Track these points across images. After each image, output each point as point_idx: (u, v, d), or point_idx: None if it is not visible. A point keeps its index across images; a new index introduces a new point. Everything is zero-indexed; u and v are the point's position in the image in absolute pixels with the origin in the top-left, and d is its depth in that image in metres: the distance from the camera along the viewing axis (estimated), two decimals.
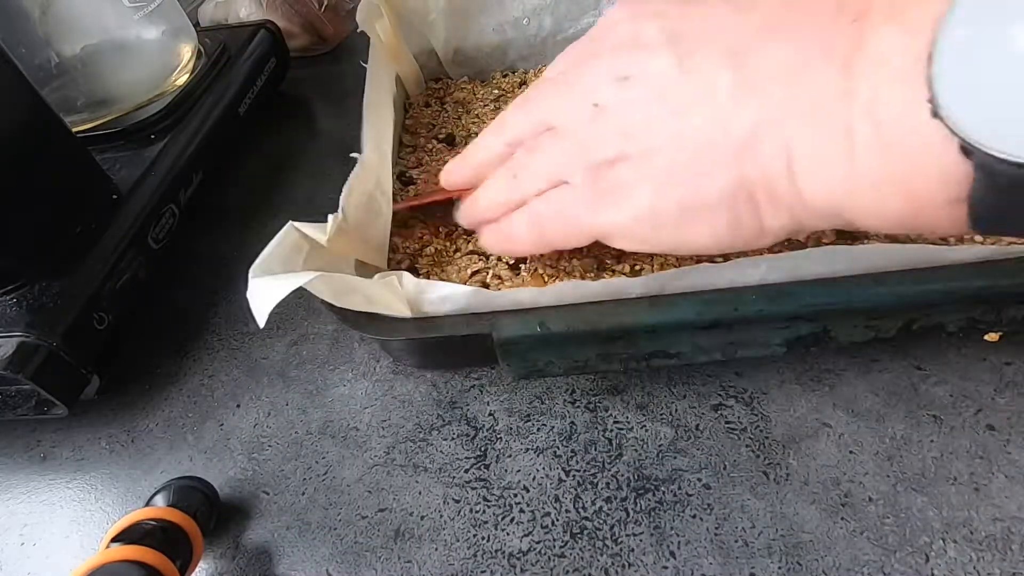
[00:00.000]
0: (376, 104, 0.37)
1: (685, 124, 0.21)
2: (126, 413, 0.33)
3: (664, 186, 0.22)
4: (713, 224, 0.22)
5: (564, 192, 0.25)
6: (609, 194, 0.23)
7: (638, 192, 0.22)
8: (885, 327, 0.26)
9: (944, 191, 0.16)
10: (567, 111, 0.25)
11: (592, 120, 0.23)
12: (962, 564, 0.23)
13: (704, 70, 0.21)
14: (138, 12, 0.45)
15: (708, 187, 0.21)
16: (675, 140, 0.21)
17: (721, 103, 0.20)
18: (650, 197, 0.22)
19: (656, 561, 0.25)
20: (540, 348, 0.26)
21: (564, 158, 0.24)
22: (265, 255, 0.25)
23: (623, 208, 0.23)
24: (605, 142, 0.23)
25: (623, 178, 0.23)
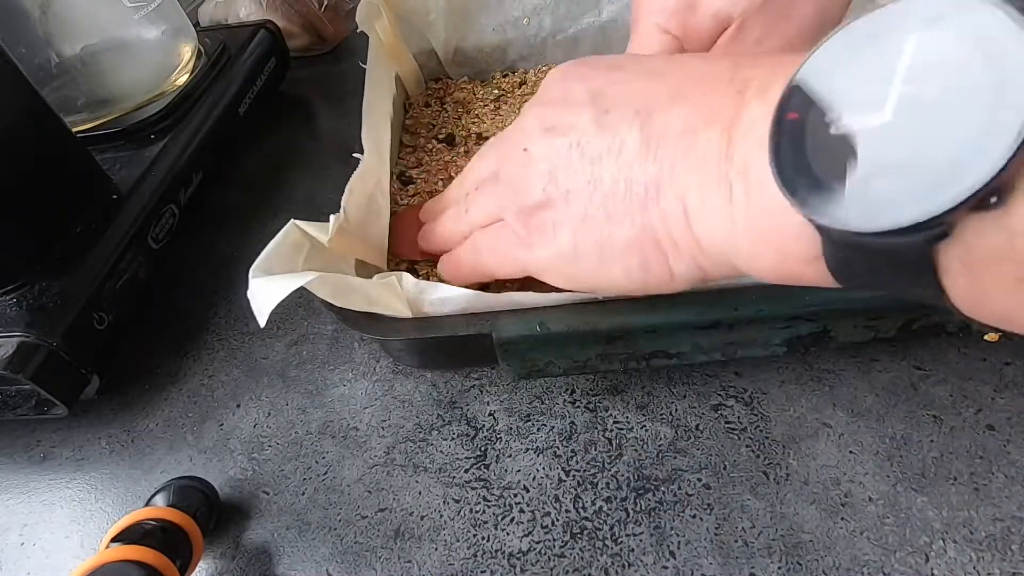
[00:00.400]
0: (376, 104, 0.37)
1: (598, 172, 0.23)
2: (126, 413, 0.33)
3: (581, 230, 0.24)
4: (626, 266, 0.23)
5: (500, 228, 0.27)
6: (537, 234, 0.25)
7: (560, 234, 0.25)
8: (885, 327, 0.26)
9: (802, 249, 0.18)
10: (504, 158, 0.28)
11: (522, 165, 0.26)
12: (962, 564, 0.23)
13: (617, 126, 0.23)
14: (138, 12, 0.45)
15: (618, 232, 0.23)
16: (590, 187, 0.23)
17: (629, 156, 0.22)
18: (570, 239, 0.24)
19: (656, 561, 0.25)
20: (540, 348, 0.26)
21: (501, 199, 0.27)
22: (266, 254, 0.25)
23: (548, 248, 0.25)
24: (532, 185, 0.25)
25: (548, 220, 0.25)
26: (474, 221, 0.29)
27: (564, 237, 0.24)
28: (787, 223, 0.17)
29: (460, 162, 0.41)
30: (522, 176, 0.26)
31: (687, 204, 0.21)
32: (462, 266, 0.30)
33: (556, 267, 0.25)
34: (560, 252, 0.25)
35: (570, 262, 0.25)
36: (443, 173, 0.40)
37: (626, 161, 0.22)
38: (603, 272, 0.24)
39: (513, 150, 0.27)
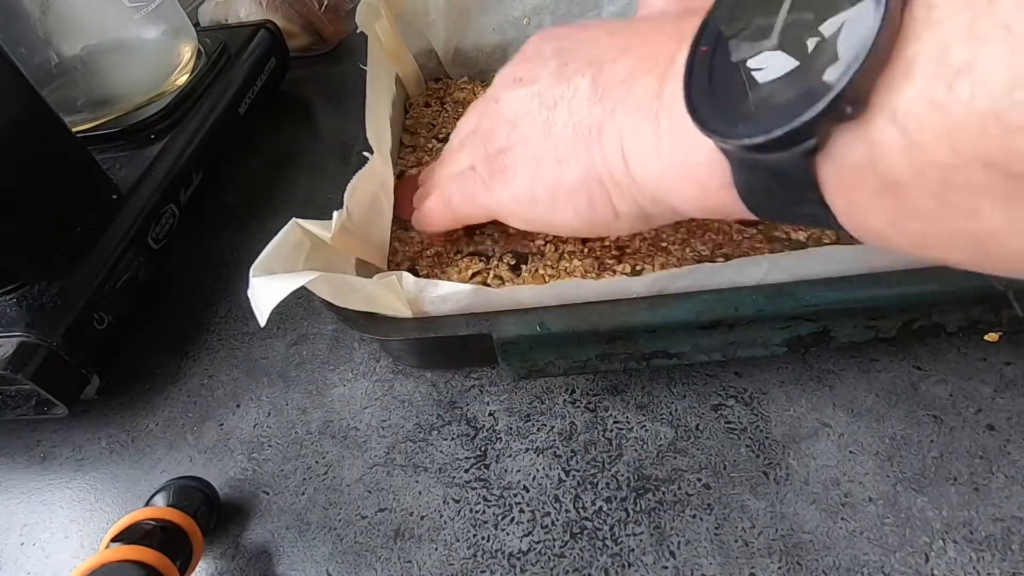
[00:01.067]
0: (378, 105, 0.37)
1: (552, 115, 0.25)
2: (126, 413, 0.33)
3: (536, 172, 0.26)
4: (575, 206, 0.25)
5: (468, 173, 0.29)
6: (499, 176, 0.27)
7: (518, 176, 0.26)
8: (885, 327, 0.26)
9: (715, 177, 0.19)
10: (481, 111, 0.30)
11: (493, 115, 0.28)
12: (962, 564, 0.23)
13: (572, 76, 0.25)
14: (138, 12, 0.45)
15: (567, 173, 0.24)
16: (544, 130, 0.25)
17: (579, 101, 0.24)
18: (527, 180, 0.26)
19: (656, 561, 0.25)
20: (540, 348, 0.26)
21: (472, 148, 0.29)
22: (267, 253, 0.25)
23: (507, 189, 0.27)
24: (497, 132, 0.27)
25: (508, 162, 0.27)
26: (452, 171, 0.31)
27: (521, 179, 0.26)
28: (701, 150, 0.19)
29: None
30: (491, 126, 0.28)
31: (624, 143, 0.22)
32: (435, 213, 0.31)
33: (515, 209, 0.27)
34: (518, 194, 0.26)
35: (527, 203, 0.26)
36: None
37: (576, 106, 0.24)
38: (556, 213, 0.26)
39: (487, 104, 0.29)
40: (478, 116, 0.30)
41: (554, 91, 0.25)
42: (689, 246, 0.30)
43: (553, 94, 0.25)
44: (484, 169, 0.28)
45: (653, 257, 0.30)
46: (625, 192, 0.23)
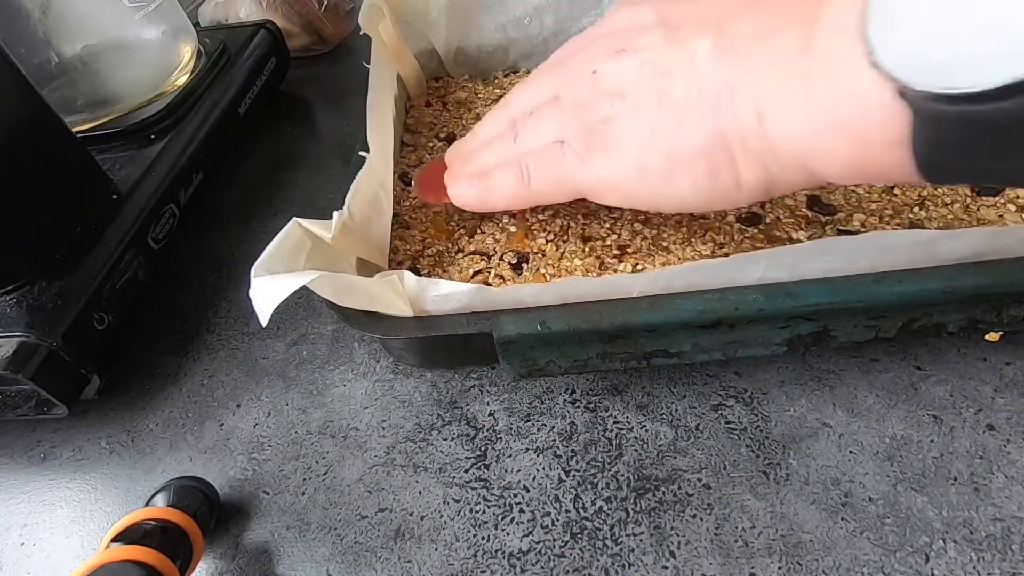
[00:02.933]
0: (379, 104, 0.37)
1: (668, 83, 0.23)
2: (126, 413, 0.33)
3: (649, 140, 0.24)
4: (693, 174, 0.23)
5: (556, 147, 0.27)
6: (599, 149, 0.25)
7: (625, 146, 0.24)
8: (885, 326, 0.26)
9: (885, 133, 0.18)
10: (567, 81, 0.27)
11: (589, 85, 0.26)
12: (962, 564, 0.23)
13: (688, 40, 0.23)
14: (138, 12, 0.45)
15: (688, 138, 0.23)
16: (659, 98, 0.23)
17: (701, 64, 0.22)
18: (636, 151, 0.24)
19: (656, 561, 0.25)
20: (541, 347, 0.26)
21: (561, 120, 0.27)
22: (268, 252, 0.25)
23: (611, 162, 0.25)
24: (598, 103, 0.25)
25: (612, 134, 0.25)
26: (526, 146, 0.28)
27: (630, 150, 0.24)
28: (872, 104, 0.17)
29: None
30: (589, 95, 0.26)
31: (761, 105, 0.21)
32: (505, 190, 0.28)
33: (617, 183, 0.25)
34: (623, 166, 0.25)
35: (633, 177, 0.24)
36: None
37: (698, 70, 0.22)
38: (668, 185, 0.24)
39: (578, 72, 0.27)
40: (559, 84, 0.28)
41: (667, 56, 0.24)
42: (690, 245, 0.30)
43: (666, 60, 0.24)
44: (578, 142, 0.26)
45: (654, 257, 0.30)
46: (754, 157, 0.22)
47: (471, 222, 0.36)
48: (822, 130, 0.19)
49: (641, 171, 0.24)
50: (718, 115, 0.22)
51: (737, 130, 0.22)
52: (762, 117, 0.21)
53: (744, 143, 0.22)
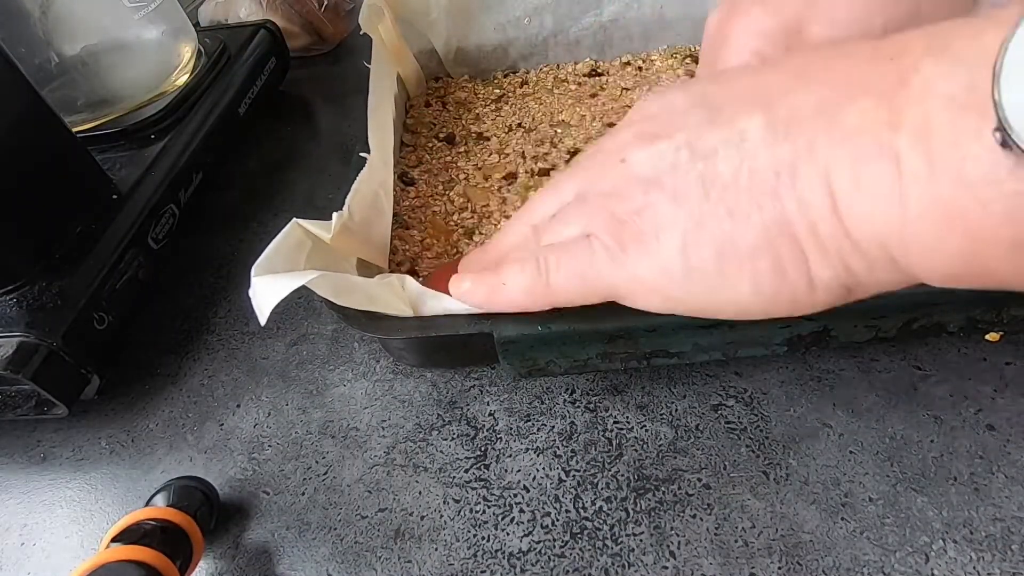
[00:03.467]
0: (380, 105, 0.37)
1: (712, 167, 0.20)
2: (126, 413, 0.33)
3: (694, 235, 0.20)
4: (754, 273, 0.19)
5: (581, 242, 0.23)
6: (633, 242, 0.21)
7: (665, 240, 0.20)
8: (886, 326, 0.26)
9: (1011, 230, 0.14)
10: (592, 177, 0.24)
11: (617, 175, 0.22)
12: (962, 564, 0.23)
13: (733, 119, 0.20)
14: (138, 12, 0.45)
15: (743, 231, 0.19)
16: (703, 183, 0.20)
17: (752, 144, 0.19)
18: (678, 247, 0.20)
19: (656, 561, 0.25)
20: (541, 347, 0.26)
21: (587, 215, 0.23)
22: (268, 253, 0.25)
23: (648, 260, 0.21)
24: (630, 192, 0.22)
25: (648, 226, 0.21)
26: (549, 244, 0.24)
27: (671, 245, 0.20)
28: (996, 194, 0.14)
29: (460, 162, 0.41)
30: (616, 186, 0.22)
31: (834, 186, 0.17)
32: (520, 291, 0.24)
33: (658, 284, 0.21)
34: (664, 265, 0.21)
35: (677, 278, 0.21)
36: (444, 174, 0.40)
37: (748, 150, 0.19)
38: (723, 287, 0.20)
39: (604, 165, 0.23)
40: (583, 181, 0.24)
41: (708, 139, 0.20)
42: None
43: (708, 143, 0.20)
44: (610, 236, 0.22)
45: None
46: (830, 250, 0.18)
47: (470, 222, 0.37)
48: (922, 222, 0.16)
49: (687, 270, 0.20)
50: (779, 199, 0.18)
51: (804, 217, 0.18)
52: (836, 202, 0.17)
53: (815, 234, 0.18)
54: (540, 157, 0.40)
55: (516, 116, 0.44)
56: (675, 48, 0.47)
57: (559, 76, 0.47)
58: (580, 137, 0.41)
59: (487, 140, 0.42)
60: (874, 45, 0.18)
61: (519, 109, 0.45)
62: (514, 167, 0.40)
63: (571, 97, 0.45)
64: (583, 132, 0.42)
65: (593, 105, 0.44)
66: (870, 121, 0.17)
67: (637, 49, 0.48)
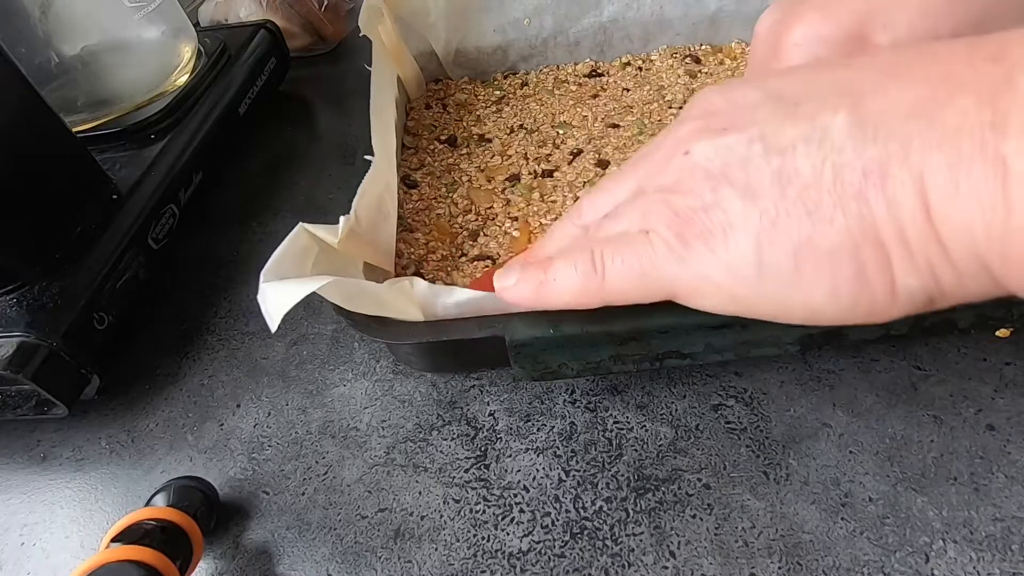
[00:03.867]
0: (382, 107, 0.37)
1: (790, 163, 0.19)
2: (126, 413, 0.33)
3: (769, 234, 0.19)
4: (833, 278, 0.18)
5: (639, 237, 0.21)
6: (699, 241, 0.20)
7: (737, 238, 0.19)
8: (897, 324, 0.25)
9: None
10: (650, 172, 0.22)
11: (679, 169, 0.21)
12: (962, 564, 0.23)
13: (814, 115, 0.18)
14: (138, 12, 0.45)
15: (825, 230, 0.18)
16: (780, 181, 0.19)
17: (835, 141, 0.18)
18: (751, 246, 0.19)
19: (656, 561, 0.25)
20: (553, 350, 0.26)
21: (645, 210, 0.22)
22: (276, 258, 0.25)
23: (715, 258, 0.20)
24: (694, 187, 0.20)
25: (716, 222, 0.20)
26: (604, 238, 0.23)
27: (742, 244, 0.19)
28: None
29: (463, 164, 0.41)
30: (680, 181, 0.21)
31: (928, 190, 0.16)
32: (563, 285, 0.23)
33: (724, 283, 0.20)
34: (733, 264, 0.19)
35: (747, 278, 0.19)
36: (446, 176, 0.40)
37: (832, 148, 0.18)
38: (796, 289, 0.19)
39: (663, 159, 0.22)
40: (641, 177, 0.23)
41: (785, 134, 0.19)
42: None
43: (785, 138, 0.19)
44: (672, 233, 0.20)
45: None
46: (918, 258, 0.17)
47: (474, 224, 0.37)
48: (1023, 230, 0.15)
49: (760, 270, 0.19)
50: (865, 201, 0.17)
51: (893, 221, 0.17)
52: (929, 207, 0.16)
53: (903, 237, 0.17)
54: (543, 158, 0.40)
55: (517, 117, 0.44)
56: (675, 48, 0.47)
57: (559, 77, 0.47)
58: (582, 138, 0.41)
59: (489, 142, 0.42)
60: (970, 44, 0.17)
61: (520, 110, 0.45)
62: (517, 169, 0.40)
63: (572, 98, 0.45)
64: (585, 133, 0.42)
65: (594, 106, 0.44)
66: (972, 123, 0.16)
67: (637, 50, 0.48)
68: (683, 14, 0.46)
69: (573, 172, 0.39)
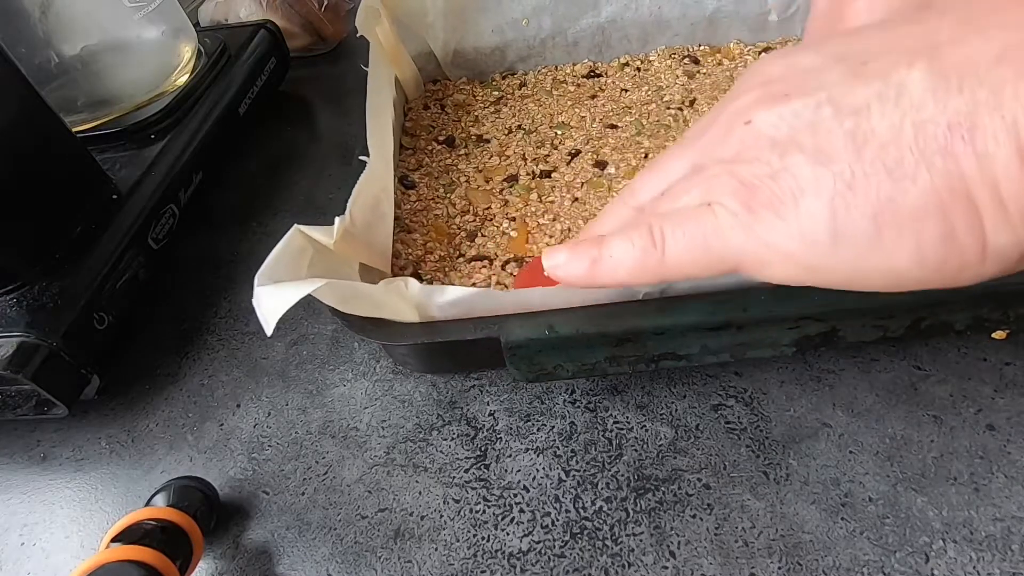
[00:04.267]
0: (379, 108, 0.37)
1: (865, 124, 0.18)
2: (126, 413, 0.33)
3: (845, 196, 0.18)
4: (919, 240, 0.17)
5: (703, 211, 0.20)
6: (765, 207, 0.19)
7: (809, 203, 0.18)
8: (893, 326, 0.26)
9: None
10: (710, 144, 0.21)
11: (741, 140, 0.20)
12: (962, 564, 0.23)
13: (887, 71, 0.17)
14: (138, 12, 0.45)
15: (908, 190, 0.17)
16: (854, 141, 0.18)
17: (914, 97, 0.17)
18: (825, 210, 0.18)
19: (656, 561, 0.25)
20: (549, 351, 0.26)
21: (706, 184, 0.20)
22: (271, 260, 0.25)
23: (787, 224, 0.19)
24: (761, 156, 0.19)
25: (785, 188, 0.19)
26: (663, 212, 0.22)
27: (816, 209, 0.18)
28: None
29: (461, 165, 0.41)
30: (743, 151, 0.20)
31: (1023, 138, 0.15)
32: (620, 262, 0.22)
33: (795, 252, 0.19)
34: (807, 232, 0.18)
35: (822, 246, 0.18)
36: (444, 176, 0.40)
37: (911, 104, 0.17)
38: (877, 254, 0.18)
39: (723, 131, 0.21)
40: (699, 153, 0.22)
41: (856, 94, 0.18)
42: None
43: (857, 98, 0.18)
44: (736, 201, 0.19)
45: None
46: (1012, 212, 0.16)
47: (472, 225, 0.37)
48: None
49: (836, 237, 0.18)
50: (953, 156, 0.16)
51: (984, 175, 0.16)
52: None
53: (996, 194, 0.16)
54: (541, 159, 0.40)
55: (515, 118, 0.44)
56: (673, 48, 0.47)
57: (557, 77, 0.47)
58: (580, 138, 0.41)
59: (487, 142, 0.42)
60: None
61: (518, 111, 0.45)
62: (515, 169, 0.40)
63: (570, 98, 0.45)
64: (583, 133, 0.42)
65: (593, 106, 0.44)
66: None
67: (635, 50, 0.48)
68: (681, 15, 0.46)
69: (571, 173, 0.39)
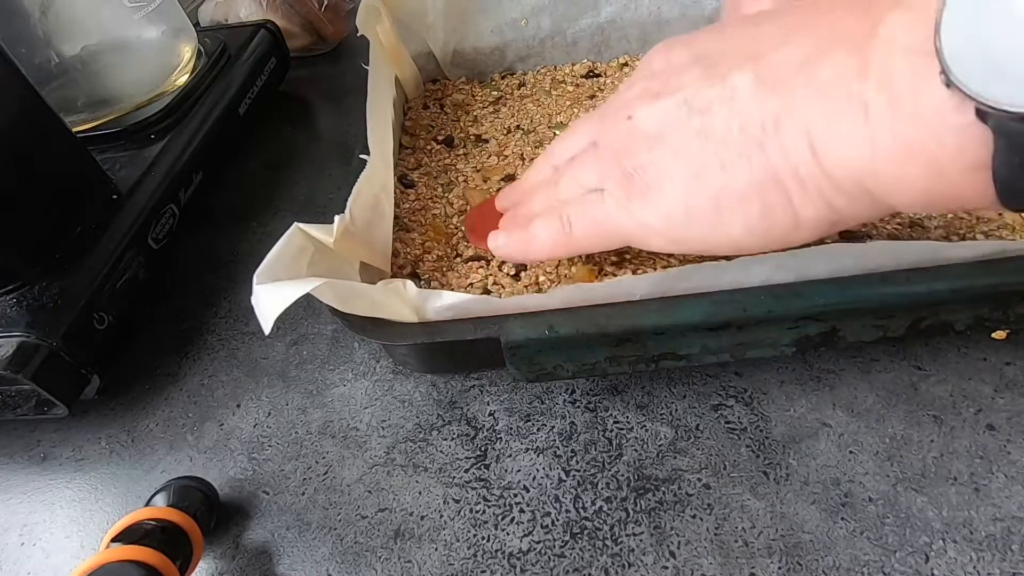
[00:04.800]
0: (379, 107, 0.37)
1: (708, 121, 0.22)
2: (126, 413, 0.33)
3: (692, 185, 0.23)
4: (746, 217, 0.22)
5: (597, 195, 0.26)
6: (641, 194, 0.24)
7: (669, 190, 0.24)
8: (893, 326, 0.26)
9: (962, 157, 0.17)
10: (604, 128, 0.27)
11: (626, 132, 0.25)
12: (962, 564, 0.23)
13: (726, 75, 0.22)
14: (138, 12, 0.45)
15: (735, 179, 0.22)
16: (699, 138, 0.23)
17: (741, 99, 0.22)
18: (680, 196, 0.23)
19: (656, 561, 0.25)
20: (548, 351, 0.26)
21: (600, 168, 0.26)
22: (270, 259, 0.25)
23: (654, 208, 0.24)
24: (636, 148, 0.25)
25: (653, 178, 0.24)
26: (567, 195, 0.28)
27: (672, 193, 0.24)
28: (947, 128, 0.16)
29: (459, 164, 0.41)
30: (626, 141, 0.25)
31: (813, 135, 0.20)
32: (539, 243, 0.28)
33: (663, 230, 0.25)
34: (669, 212, 0.24)
35: (680, 221, 0.24)
36: (443, 176, 0.40)
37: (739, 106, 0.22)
38: (719, 228, 0.23)
39: (614, 119, 0.26)
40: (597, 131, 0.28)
41: (705, 95, 0.23)
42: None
43: (704, 98, 0.23)
44: (619, 189, 0.25)
45: (654, 261, 0.30)
46: (811, 191, 0.21)
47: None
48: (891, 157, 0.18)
49: (688, 215, 0.24)
50: (764, 150, 0.21)
51: (787, 163, 0.21)
52: (815, 149, 0.20)
53: (798, 179, 0.21)
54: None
55: (514, 118, 0.44)
56: None
57: (557, 78, 0.47)
58: None
59: (486, 142, 0.42)
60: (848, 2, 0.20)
61: (517, 111, 0.45)
62: (513, 169, 0.40)
63: (569, 99, 0.45)
64: None
65: (591, 106, 0.44)
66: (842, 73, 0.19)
67: (634, 50, 0.48)
68: (680, 15, 0.46)
69: None
